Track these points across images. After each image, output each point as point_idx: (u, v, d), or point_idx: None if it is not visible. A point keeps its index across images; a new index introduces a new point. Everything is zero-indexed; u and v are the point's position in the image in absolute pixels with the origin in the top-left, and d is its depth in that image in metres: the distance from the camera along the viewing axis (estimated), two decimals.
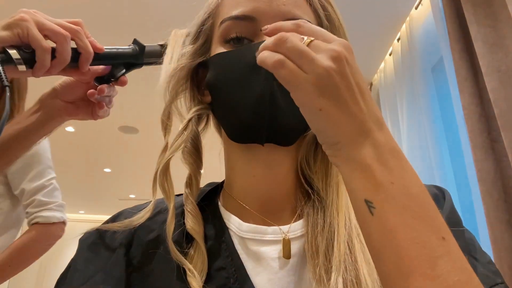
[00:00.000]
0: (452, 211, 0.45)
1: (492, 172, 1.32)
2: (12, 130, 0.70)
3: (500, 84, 1.30)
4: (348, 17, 0.51)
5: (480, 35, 1.40)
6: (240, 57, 0.45)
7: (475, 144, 1.38)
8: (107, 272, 0.46)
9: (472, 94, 1.43)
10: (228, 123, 0.48)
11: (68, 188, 5.72)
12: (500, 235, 1.25)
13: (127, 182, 5.54)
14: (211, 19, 0.51)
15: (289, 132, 0.46)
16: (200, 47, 0.52)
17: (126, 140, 3.97)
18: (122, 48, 0.59)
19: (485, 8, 1.42)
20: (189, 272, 0.43)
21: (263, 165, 0.48)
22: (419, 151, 1.93)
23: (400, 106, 2.19)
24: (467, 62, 1.49)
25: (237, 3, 0.47)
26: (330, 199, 0.46)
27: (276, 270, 0.45)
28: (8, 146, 0.71)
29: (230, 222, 0.49)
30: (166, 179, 0.48)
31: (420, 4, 2.04)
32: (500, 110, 1.28)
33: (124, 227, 0.48)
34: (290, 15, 0.46)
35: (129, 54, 0.59)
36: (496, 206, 1.28)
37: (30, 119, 0.70)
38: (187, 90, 0.53)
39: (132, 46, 0.60)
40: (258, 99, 0.43)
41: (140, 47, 0.59)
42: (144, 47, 0.59)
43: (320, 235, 0.43)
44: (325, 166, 0.49)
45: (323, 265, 0.41)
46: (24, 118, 0.70)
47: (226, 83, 0.46)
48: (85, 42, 0.55)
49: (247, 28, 0.46)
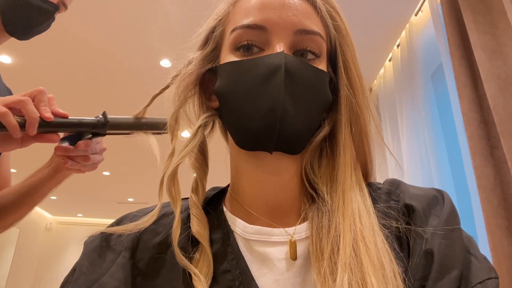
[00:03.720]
0: (452, 212, 0.45)
1: (491, 179, 1.32)
2: (28, 183, 0.88)
3: (499, 91, 1.31)
4: (348, 22, 0.52)
5: (479, 42, 1.40)
6: (252, 68, 0.45)
7: (475, 151, 1.38)
8: (112, 275, 0.46)
9: (472, 100, 1.44)
10: (237, 131, 0.48)
11: (67, 191, 5.70)
12: (500, 241, 1.25)
13: (126, 186, 5.53)
14: (221, 26, 0.51)
15: (298, 141, 0.47)
16: (209, 54, 0.52)
17: (125, 144, 3.96)
18: (87, 119, 0.65)
19: (485, 15, 1.43)
20: (195, 276, 0.43)
21: (270, 172, 0.48)
22: (418, 157, 1.93)
23: (399, 112, 2.19)
24: (467, 69, 1.49)
25: (248, 12, 0.47)
26: (336, 205, 0.46)
27: (282, 271, 0.45)
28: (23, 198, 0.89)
29: (235, 225, 0.49)
30: (174, 185, 0.48)
31: (420, 10, 2.05)
32: (499, 117, 1.28)
33: (129, 231, 0.49)
34: (300, 26, 0.46)
35: (92, 124, 0.65)
36: (495, 213, 1.28)
37: (42, 172, 0.86)
38: (196, 95, 0.53)
39: (99, 117, 0.65)
40: (269, 110, 0.43)
41: (104, 120, 0.64)
42: (108, 121, 0.65)
43: (325, 238, 0.44)
44: (329, 171, 0.49)
45: (328, 267, 0.41)
46: (40, 172, 0.87)
47: (237, 92, 0.46)
48: (28, 110, 0.62)
49: (257, 37, 0.47)
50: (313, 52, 0.47)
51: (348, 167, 0.48)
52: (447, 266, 0.40)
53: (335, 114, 0.50)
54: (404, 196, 0.47)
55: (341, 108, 0.49)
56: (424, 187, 0.50)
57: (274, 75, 0.43)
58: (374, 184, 0.52)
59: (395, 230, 0.45)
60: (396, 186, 0.50)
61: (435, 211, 0.45)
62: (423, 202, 0.46)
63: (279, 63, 0.43)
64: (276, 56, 0.44)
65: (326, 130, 0.50)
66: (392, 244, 0.43)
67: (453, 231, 0.43)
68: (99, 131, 0.64)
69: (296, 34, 0.46)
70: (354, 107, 0.49)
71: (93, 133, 0.65)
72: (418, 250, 0.42)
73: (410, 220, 0.45)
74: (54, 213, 7.41)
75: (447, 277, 0.39)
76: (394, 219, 0.45)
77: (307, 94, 0.45)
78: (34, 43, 2.46)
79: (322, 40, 0.48)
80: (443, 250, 0.41)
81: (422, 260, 0.41)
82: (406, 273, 0.41)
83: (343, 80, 0.49)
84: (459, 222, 0.45)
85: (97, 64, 2.69)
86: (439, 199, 0.47)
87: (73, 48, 2.53)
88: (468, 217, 1.52)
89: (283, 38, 0.46)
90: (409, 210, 0.46)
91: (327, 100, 0.48)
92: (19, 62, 2.69)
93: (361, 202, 0.46)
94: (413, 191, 0.48)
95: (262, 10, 0.47)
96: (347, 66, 0.49)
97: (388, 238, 0.43)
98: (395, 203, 0.47)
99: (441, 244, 0.41)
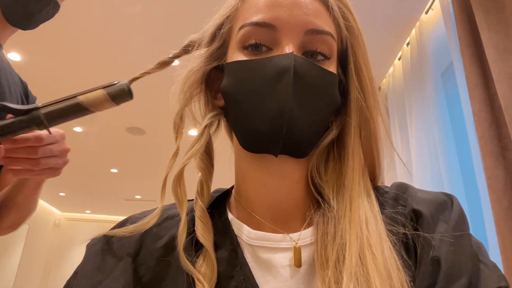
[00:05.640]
0: (460, 217, 0.44)
1: (502, 180, 1.30)
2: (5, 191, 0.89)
3: (511, 91, 1.28)
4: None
5: (491, 41, 1.38)
6: (260, 68, 0.44)
7: (485, 152, 1.36)
8: (114, 279, 0.45)
9: (483, 100, 1.42)
10: (242, 132, 0.47)
11: (75, 188, 5.76)
12: (510, 243, 1.23)
13: (133, 183, 5.56)
14: (229, 23, 0.50)
15: (304, 145, 0.46)
16: (216, 50, 0.51)
17: (133, 141, 3.99)
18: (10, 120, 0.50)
19: (497, 14, 1.41)
20: (198, 282, 0.42)
21: (275, 175, 0.47)
22: (427, 157, 1.91)
23: (408, 111, 2.17)
24: (478, 68, 1.47)
25: (258, 9, 0.46)
26: (342, 211, 0.45)
27: (286, 278, 0.44)
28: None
29: (240, 230, 0.48)
30: (180, 186, 0.47)
31: (430, 8, 2.02)
32: (511, 117, 1.26)
33: (130, 233, 0.48)
34: (311, 25, 0.45)
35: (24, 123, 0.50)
36: (505, 215, 1.26)
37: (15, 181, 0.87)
38: (202, 93, 0.52)
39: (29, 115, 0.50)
40: (277, 113, 0.42)
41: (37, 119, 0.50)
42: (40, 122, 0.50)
43: (331, 245, 0.42)
44: (336, 175, 0.48)
45: (333, 276, 0.40)
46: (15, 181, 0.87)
47: (244, 93, 0.45)
48: None
49: (266, 35, 0.45)
50: (323, 54, 0.46)
51: (356, 173, 0.46)
52: (454, 274, 0.39)
53: (344, 117, 0.49)
54: (411, 201, 0.46)
55: (351, 111, 0.48)
56: (433, 191, 0.49)
57: (282, 77, 0.42)
58: (381, 188, 0.51)
59: (402, 236, 0.43)
60: (403, 190, 0.48)
61: (443, 216, 0.44)
62: (431, 207, 0.45)
63: (288, 65, 0.42)
64: (285, 57, 0.43)
65: (334, 134, 0.49)
66: (399, 251, 0.42)
67: (461, 238, 0.41)
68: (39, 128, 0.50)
69: (307, 34, 0.45)
70: (364, 110, 0.47)
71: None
72: (426, 257, 0.41)
73: (418, 226, 0.43)
74: (63, 210, 7.48)
75: (455, 285, 0.38)
76: (402, 225, 0.44)
77: (316, 97, 0.44)
78: (43, 40, 2.49)
79: (333, 40, 0.46)
80: (450, 258, 0.40)
81: (429, 268, 0.40)
82: (414, 281, 0.40)
83: (354, 83, 0.48)
84: (468, 228, 0.44)
85: (107, 61, 2.71)
86: (448, 204, 0.46)
87: (83, 45, 2.54)
88: (478, 219, 1.50)
89: (293, 38, 0.45)
90: (417, 215, 0.44)
91: (335, 103, 0.47)
92: (28, 60, 2.72)
93: (368, 209, 0.45)
94: (421, 196, 0.47)
95: (272, 8, 0.45)
96: (358, 68, 0.48)
97: (395, 245, 0.42)
98: (402, 208, 0.46)
99: (449, 251, 0.40)
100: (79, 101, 0.50)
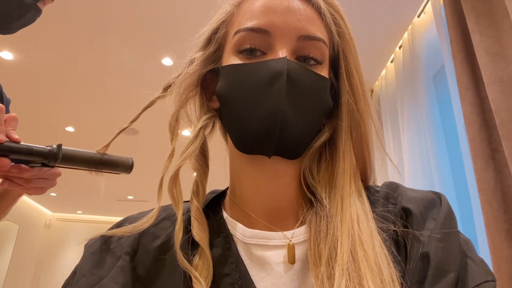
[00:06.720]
0: (449, 214, 0.45)
1: (492, 182, 1.32)
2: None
3: (501, 94, 1.30)
4: (350, 23, 0.51)
5: (482, 44, 1.40)
6: (254, 72, 0.45)
7: (476, 154, 1.38)
8: (113, 278, 0.46)
9: (473, 103, 1.43)
10: (236, 134, 0.48)
11: (66, 188, 5.71)
12: (500, 245, 1.25)
13: (126, 183, 5.53)
14: (224, 28, 0.51)
15: (297, 147, 0.47)
16: (211, 54, 0.52)
17: (126, 141, 3.97)
18: (38, 147, 0.56)
19: (488, 18, 1.43)
20: (195, 279, 0.43)
21: (268, 175, 0.48)
22: (419, 159, 1.93)
23: (401, 113, 2.19)
24: (469, 71, 1.49)
25: (253, 15, 0.47)
26: (334, 210, 0.46)
27: (280, 275, 0.45)
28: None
29: (234, 229, 0.49)
30: (175, 186, 0.49)
31: (422, 12, 2.04)
32: (501, 120, 1.28)
33: (128, 233, 0.49)
34: (304, 31, 0.46)
35: (43, 154, 0.55)
36: (496, 216, 1.28)
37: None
38: (197, 95, 0.53)
39: (52, 148, 0.56)
40: (270, 115, 0.43)
41: (57, 152, 0.56)
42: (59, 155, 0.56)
43: (323, 242, 0.44)
44: (328, 176, 0.50)
45: (325, 272, 0.41)
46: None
47: (238, 95, 0.46)
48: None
49: (261, 40, 0.47)
50: (315, 59, 0.47)
51: (347, 174, 0.48)
52: (443, 269, 0.40)
53: (336, 120, 0.50)
54: (401, 199, 0.47)
55: (342, 114, 0.49)
56: (423, 190, 0.50)
57: (276, 80, 0.43)
58: (372, 187, 0.52)
59: (393, 233, 0.45)
60: (394, 189, 0.50)
61: (432, 213, 0.45)
62: (420, 205, 0.46)
63: (282, 69, 0.43)
64: (278, 61, 0.44)
65: (326, 136, 0.50)
66: (390, 248, 0.43)
67: (450, 234, 0.43)
68: (48, 162, 0.56)
69: (300, 39, 0.46)
70: (355, 113, 0.49)
71: (42, 163, 0.57)
72: (415, 253, 0.42)
73: (408, 223, 0.45)
74: (54, 210, 7.41)
75: (444, 280, 0.39)
76: (392, 222, 0.45)
77: (308, 100, 0.46)
78: (36, 39, 2.47)
79: (325, 46, 0.48)
80: (439, 253, 0.41)
81: (418, 264, 0.41)
82: (404, 277, 0.41)
83: (345, 86, 0.49)
84: (456, 225, 0.45)
85: (103, 60, 2.69)
86: (437, 202, 0.47)
87: (76, 44, 2.53)
88: (468, 220, 1.51)
89: (286, 43, 0.46)
90: (407, 213, 0.46)
91: (327, 106, 0.48)
92: (20, 59, 2.69)
93: (360, 207, 0.46)
94: (410, 194, 0.48)
95: (267, 14, 0.47)
96: (350, 72, 0.49)
97: (386, 241, 0.43)
98: (392, 206, 0.47)
99: (438, 247, 0.41)
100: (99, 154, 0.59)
